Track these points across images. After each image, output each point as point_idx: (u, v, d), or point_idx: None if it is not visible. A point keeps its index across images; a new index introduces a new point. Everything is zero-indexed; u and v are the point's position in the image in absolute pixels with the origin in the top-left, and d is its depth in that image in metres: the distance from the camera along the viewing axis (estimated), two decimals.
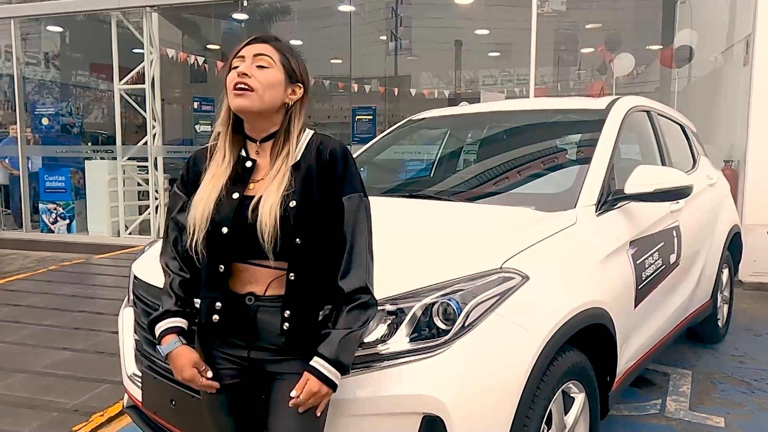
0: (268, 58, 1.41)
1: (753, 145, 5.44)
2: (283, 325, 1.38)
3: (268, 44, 1.43)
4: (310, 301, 1.41)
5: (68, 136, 8.81)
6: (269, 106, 1.41)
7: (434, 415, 1.52)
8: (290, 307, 1.39)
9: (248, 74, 1.38)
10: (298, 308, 1.39)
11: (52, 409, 2.93)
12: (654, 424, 2.80)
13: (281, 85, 1.42)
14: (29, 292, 5.29)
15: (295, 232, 1.35)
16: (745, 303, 4.92)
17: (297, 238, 1.36)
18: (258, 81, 1.39)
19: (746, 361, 3.59)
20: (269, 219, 1.34)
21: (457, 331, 1.57)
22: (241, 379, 1.48)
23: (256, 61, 1.40)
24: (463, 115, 3.49)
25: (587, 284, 2.01)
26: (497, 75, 13.34)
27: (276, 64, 1.42)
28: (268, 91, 1.40)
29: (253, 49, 1.42)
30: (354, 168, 1.44)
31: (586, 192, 2.30)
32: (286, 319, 1.38)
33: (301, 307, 1.39)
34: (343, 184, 1.41)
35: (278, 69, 1.42)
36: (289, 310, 1.38)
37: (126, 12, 7.85)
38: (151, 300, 1.96)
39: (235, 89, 1.38)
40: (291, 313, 1.38)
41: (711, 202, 3.60)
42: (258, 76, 1.39)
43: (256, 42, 1.43)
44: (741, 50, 5.93)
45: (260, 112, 1.41)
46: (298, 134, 1.45)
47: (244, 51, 1.42)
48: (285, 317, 1.38)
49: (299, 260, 1.38)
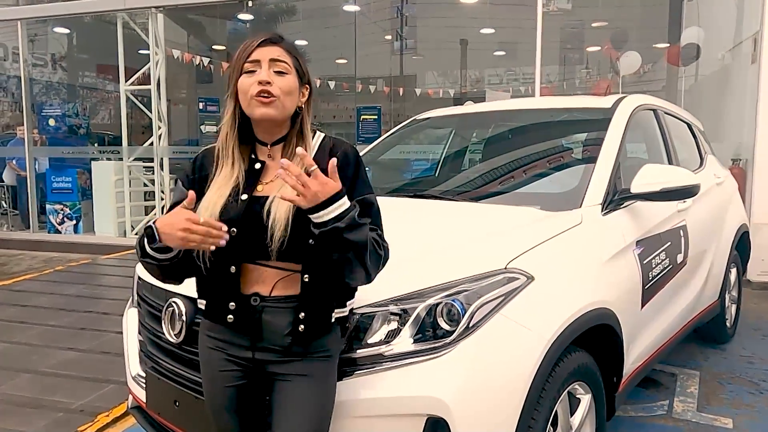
0: (285, 64, 1.38)
1: (761, 143, 5.39)
2: (298, 327, 1.38)
3: (281, 47, 1.40)
4: (323, 301, 1.40)
5: (75, 137, 8.85)
6: (289, 113, 1.41)
7: (438, 416, 1.51)
8: (305, 309, 1.38)
9: (270, 82, 1.36)
10: (313, 309, 1.39)
11: (58, 409, 2.93)
12: (661, 425, 2.77)
13: (297, 90, 1.41)
14: (36, 292, 5.31)
15: (308, 233, 1.33)
16: (754, 303, 4.87)
17: (311, 238, 1.34)
18: (279, 88, 1.36)
19: (755, 362, 3.56)
20: (282, 220, 1.33)
21: (461, 332, 1.56)
22: (246, 381, 1.48)
23: (274, 67, 1.37)
24: (467, 114, 3.47)
25: (593, 284, 2.00)
26: (503, 74, 13.30)
27: (292, 68, 1.40)
28: (288, 98, 1.39)
29: (268, 52, 1.38)
30: (364, 172, 1.45)
31: (592, 191, 2.28)
32: (301, 321, 1.38)
33: (315, 308, 1.39)
34: (356, 186, 1.40)
35: (294, 74, 1.40)
36: (304, 312, 1.38)
37: (132, 13, 7.87)
38: (155, 301, 1.95)
39: (259, 97, 1.36)
40: (306, 315, 1.38)
41: (718, 201, 3.57)
42: (279, 83, 1.37)
43: (268, 44, 1.39)
44: (748, 48, 5.88)
45: (281, 119, 1.40)
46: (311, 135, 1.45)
47: (258, 54, 1.38)
48: (300, 319, 1.38)
49: (313, 261, 1.37)
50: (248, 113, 1.40)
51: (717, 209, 3.50)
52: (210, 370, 1.51)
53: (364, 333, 1.58)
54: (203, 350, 1.53)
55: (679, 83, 8.42)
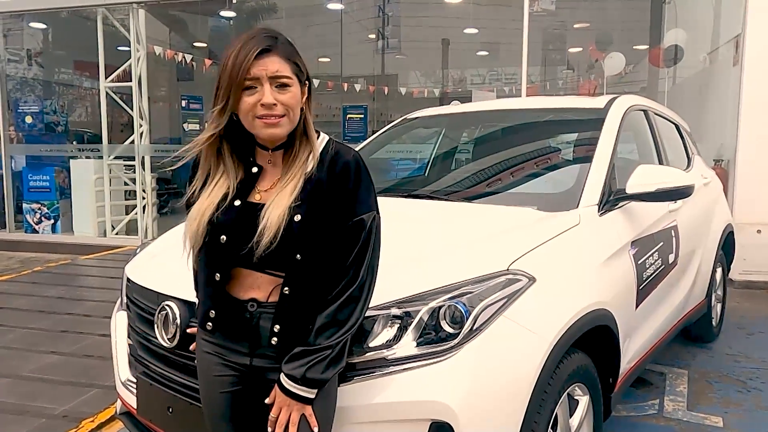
0: (286, 78, 1.30)
1: (743, 144, 5.48)
2: (271, 339, 1.34)
3: (278, 56, 1.29)
4: (301, 316, 1.34)
5: (53, 135, 8.66)
6: (295, 123, 1.34)
7: (443, 421, 1.48)
8: (280, 322, 1.34)
9: (275, 103, 1.28)
10: (289, 323, 1.34)
11: (41, 415, 2.85)
12: (653, 424, 2.79)
13: (300, 98, 1.34)
14: (14, 294, 5.17)
15: (297, 247, 1.29)
16: (736, 302, 4.94)
17: (298, 253, 1.30)
18: (284, 105, 1.29)
19: (741, 360, 3.60)
20: (274, 226, 1.27)
21: (465, 335, 1.53)
22: (242, 387, 1.44)
23: (276, 82, 1.29)
24: (459, 114, 3.45)
25: (592, 285, 1.99)
26: (485, 74, 13.37)
27: (293, 78, 1.31)
28: (294, 111, 1.32)
29: (267, 66, 1.27)
30: (366, 183, 1.36)
31: (588, 192, 2.28)
32: (275, 334, 1.34)
33: (291, 322, 1.34)
34: (354, 202, 1.33)
35: (296, 83, 1.32)
36: (279, 325, 1.34)
37: (112, 9, 7.72)
38: (147, 304, 1.90)
39: (263, 119, 1.29)
40: (281, 328, 1.34)
41: (706, 202, 3.61)
42: (283, 100, 1.29)
43: (264, 56, 1.27)
44: (730, 50, 5.97)
45: (288, 133, 1.34)
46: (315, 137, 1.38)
47: (257, 71, 1.27)
48: (274, 332, 1.34)
49: (297, 275, 1.33)
50: (252, 131, 1.33)
51: (704, 209, 3.53)
52: (206, 375, 1.47)
53: (366, 337, 1.54)
54: (199, 354, 1.49)
55: (661, 84, 8.53)
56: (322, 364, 1.30)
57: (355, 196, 1.34)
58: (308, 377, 1.29)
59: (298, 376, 1.29)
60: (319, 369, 1.29)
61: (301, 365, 1.29)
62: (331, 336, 1.30)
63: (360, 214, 1.33)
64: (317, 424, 1.34)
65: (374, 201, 1.38)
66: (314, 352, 1.30)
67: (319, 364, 1.29)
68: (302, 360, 1.29)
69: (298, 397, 1.30)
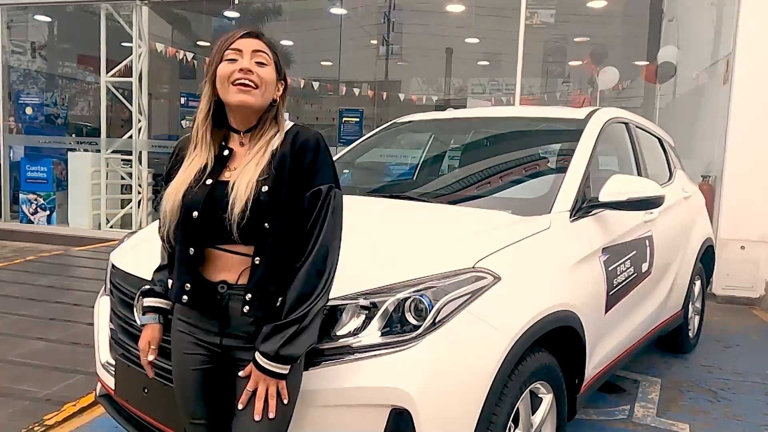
0: (266, 56, 1.45)
1: (730, 161, 5.57)
2: (243, 308, 1.41)
3: (262, 41, 1.46)
4: (272, 286, 1.42)
5: (52, 127, 8.73)
6: (266, 102, 1.46)
7: (402, 407, 1.55)
8: (252, 291, 1.41)
9: (252, 70, 1.41)
10: (259, 292, 1.41)
11: (24, 398, 2.91)
12: (621, 428, 2.85)
13: (275, 82, 1.47)
14: (6, 281, 5.23)
15: (265, 216, 1.38)
16: (717, 316, 5.02)
17: (266, 222, 1.39)
18: (260, 77, 1.42)
19: (714, 371, 3.67)
20: (243, 195, 1.37)
21: (427, 327, 1.61)
22: (213, 365, 1.51)
23: (256, 57, 1.43)
24: (446, 119, 3.54)
25: (558, 287, 2.06)
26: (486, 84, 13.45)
27: (271, 62, 1.46)
28: (268, 88, 1.45)
29: (251, 44, 1.44)
30: (326, 158, 1.47)
31: (562, 198, 2.35)
32: (247, 302, 1.41)
33: (262, 292, 1.41)
34: (313, 174, 1.43)
35: (272, 67, 1.46)
36: (250, 294, 1.41)
37: (116, 5, 7.82)
38: (128, 288, 1.97)
39: (239, 85, 1.41)
40: (252, 297, 1.41)
41: (685, 215, 3.68)
42: (260, 72, 1.43)
43: (251, 36, 1.45)
44: (721, 68, 6.07)
45: (257, 108, 1.45)
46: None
47: (241, 44, 1.43)
48: (246, 300, 1.41)
49: (266, 245, 1.40)
50: (225, 99, 1.44)
51: (683, 222, 3.61)
52: (178, 352, 1.54)
53: (334, 325, 1.62)
54: (173, 333, 1.56)
55: (656, 100, 8.63)
56: (295, 341, 1.37)
57: (314, 168, 1.44)
58: (281, 354, 1.36)
59: (272, 353, 1.36)
60: (291, 346, 1.37)
61: (274, 342, 1.37)
62: (298, 308, 1.38)
63: (317, 185, 1.43)
64: (287, 396, 1.42)
65: (334, 176, 1.47)
66: (285, 326, 1.38)
67: (291, 341, 1.37)
68: (275, 337, 1.37)
69: (272, 373, 1.38)
